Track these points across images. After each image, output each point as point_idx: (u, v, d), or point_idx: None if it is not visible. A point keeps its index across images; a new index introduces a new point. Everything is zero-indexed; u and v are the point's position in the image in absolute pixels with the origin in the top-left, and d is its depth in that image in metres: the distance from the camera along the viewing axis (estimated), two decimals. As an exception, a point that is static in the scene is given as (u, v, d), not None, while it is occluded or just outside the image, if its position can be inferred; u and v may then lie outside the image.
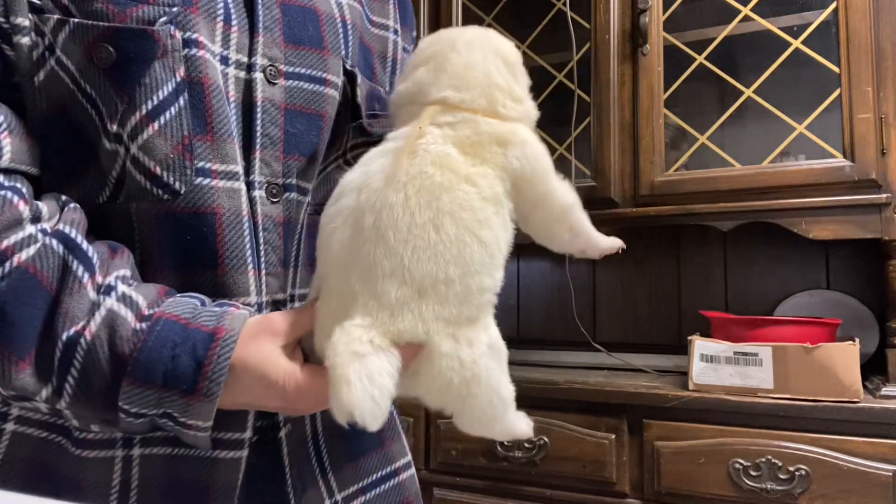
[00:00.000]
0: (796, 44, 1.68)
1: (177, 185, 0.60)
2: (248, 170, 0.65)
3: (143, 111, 0.58)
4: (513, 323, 2.29)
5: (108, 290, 0.56)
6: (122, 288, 0.56)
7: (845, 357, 1.40)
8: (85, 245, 0.56)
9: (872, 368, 1.63)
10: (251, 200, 0.64)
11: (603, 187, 1.80)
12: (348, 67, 0.73)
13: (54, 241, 0.55)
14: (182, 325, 0.55)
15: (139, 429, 0.56)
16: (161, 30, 0.60)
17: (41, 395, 0.54)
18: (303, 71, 0.69)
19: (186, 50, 0.61)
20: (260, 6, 0.68)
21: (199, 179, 0.61)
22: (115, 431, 0.59)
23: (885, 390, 1.44)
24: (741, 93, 1.72)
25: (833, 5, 1.62)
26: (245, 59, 0.66)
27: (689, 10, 1.83)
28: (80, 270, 0.55)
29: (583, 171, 1.86)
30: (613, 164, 1.80)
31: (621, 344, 2.00)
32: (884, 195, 1.53)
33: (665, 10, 1.80)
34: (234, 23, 0.66)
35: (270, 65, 0.67)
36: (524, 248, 2.22)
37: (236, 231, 0.62)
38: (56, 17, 0.58)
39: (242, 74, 0.66)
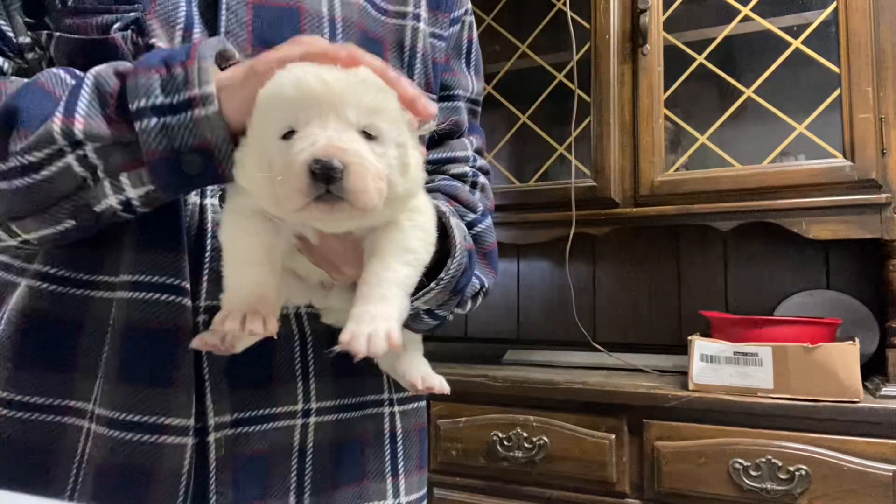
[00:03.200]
0: (796, 44, 1.68)
1: None
2: None
3: None
4: (513, 323, 2.29)
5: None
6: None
7: (845, 357, 1.40)
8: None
9: (872, 368, 1.63)
10: (202, 209, 0.68)
11: (603, 187, 1.80)
12: None
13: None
14: (165, 49, 0.62)
15: (160, 148, 0.57)
16: (120, 36, 0.62)
17: (53, 129, 0.56)
18: None
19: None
20: (224, 9, 0.67)
21: None
22: (145, 187, 0.59)
23: (885, 390, 1.44)
24: (741, 93, 1.72)
25: (833, 5, 1.62)
26: None
27: (689, 10, 1.83)
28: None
29: (583, 171, 1.86)
30: (613, 164, 1.80)
31: (621, 344, 2.01)
32: (884, 195, 1.53)
33: (665, 10, 1.80)
34: (196, 29, 0.66)
35: None
36: (524, 248, 2.23)
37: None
38: (45, 32, 0.64)
39: None
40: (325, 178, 0.51)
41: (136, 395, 0.64)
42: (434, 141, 0.86)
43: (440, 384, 0.74)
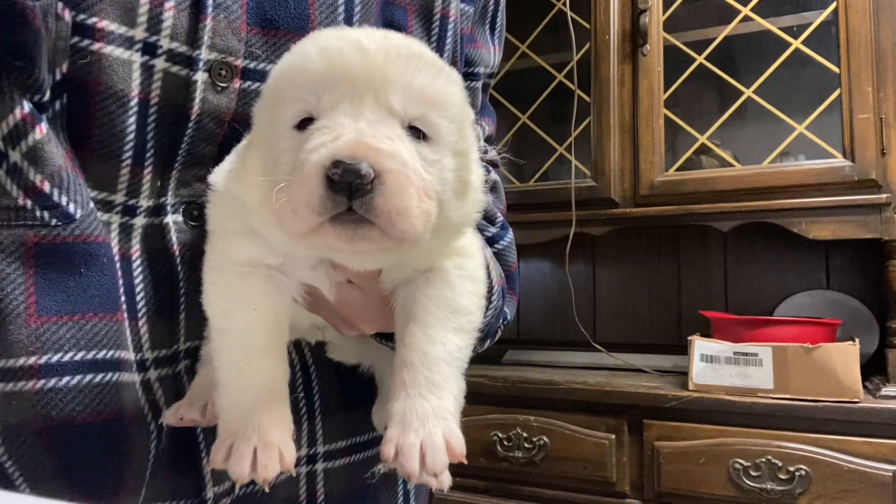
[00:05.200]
0: (796, 44, 1.67)
1: (71, 206, 0.46)
2: (161, 191, 0.51)
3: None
4: (513, 323, 2.28)
5: None
6: None
7: (845, 357, 1.40)
8: None
9: (872, 368, 1.63)
10: (163, 228, 0.52)
11: (603, 187, 1.80)
12: None
13: None
14: None
15: None
16: (38, 6, 0.43)
17: None
18: (269, 68, 0.51)
19: (77, 39, 0.46)
20: None
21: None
22: None
23: (885, 390, 1.44)
24: (741, 93, 1.72)
25: (833, 5, 1.62)
26: (185, 50, 0.50)
27: (689, 10, 1.82)
28: None
29: (583, 171, 1.86)
30: (613, 164, 1.80)
31: (621, 344, 2.00)
32: (884, 195, 1.53)
33: (665, 10, 1.80)
34: (170, 2, 0.49)
35: (220, 60, 0.51)
36: (524, 249, 2.23)
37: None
38: None
39: (174, 69, 0.50)
40: (348, 190, 0.36)
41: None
42: None
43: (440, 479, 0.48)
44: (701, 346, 1.54)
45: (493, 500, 1.65)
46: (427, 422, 0.41)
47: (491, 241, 0.67)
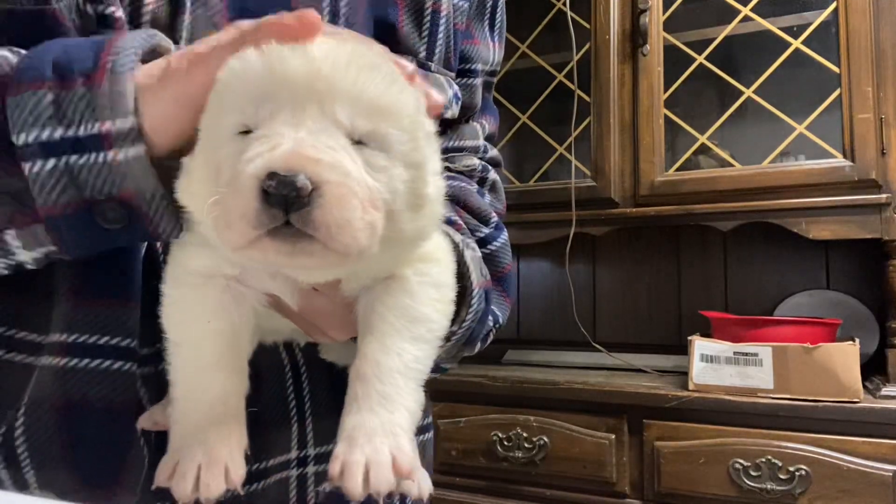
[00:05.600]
0: (796, 44, 1.67)
1: None
2: None
3: None
4: (513, 323, 2.28)
5: None
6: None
7: (845, 357, 1.40)
8: None
9: (872, 368, 1.63)
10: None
11: (603, 187, 1.80)
12: None
13: None
14: (67, 43, 0.43)
15: (62, 201, 0.40)
16: (63, 6, 0.45)
17: None
18: None
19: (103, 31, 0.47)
20: None
21: None
22: (42, 248, 0.43)
23: (885, 390, 1.44)
24: (741, 93, 1.72)
25: (833, 5, 1.62)
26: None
27: (689, 10, 1.82)
28: None
29: (583, 171, 1.86)
30: (613, 164, 1.80)
31: (621, 344, 2.00)
32: (884, 195, 1.53)
33: (665, 10, 1.79)
34: None
35: None
36: (524, 248, 2.23)
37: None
38: None
39: None
40: (284, 203, 0.34)
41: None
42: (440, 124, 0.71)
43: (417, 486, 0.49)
44: (701, 346, 1.54)
45: (493, 500, 1.65)
46: (375, 438, 0.40)
47: (483, 242, 0.65)
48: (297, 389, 0.60)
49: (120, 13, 0.47)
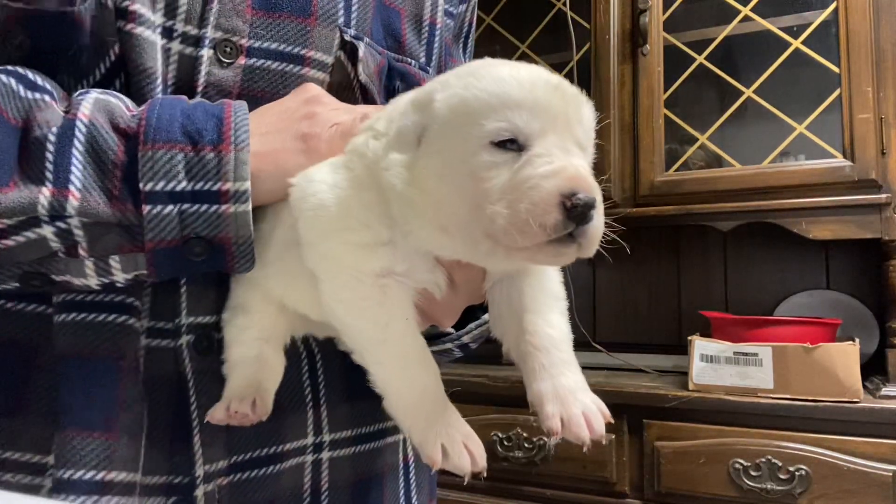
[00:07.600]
0: (796, 44, 1.68)
1: None
2: None
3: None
4: (513, 323, 2.28)
5: (81, 95, 0.49)
6: (95, 92, 0.50)
7: (845, 357, 1.40)
8: (41, 80, 0.50)
9: (872, 368, 1.63)
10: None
11: (603, 187, 1.80)
12: (348, 38, 0.60)
13: (10, 78, 0.49)
14: (181, 101, 0.50)
15: (168, 238, 0.48)
16: (83, 8, 0.50)
17: (40, 202, 0.45)
18: (273, 46, 0.56)
19: (120, 23, 0.51)
20: None
21: None
22: (136, 271, 0.49)
23: (885, 390, 1.44)
24: (741, 93, 1.72)
25: (833, 5, 1.62)
26: (194, 31, 0.55)
27: (689, 10, 1.82)
28: (45, 96, 0.49)
29: (583, 171, 1.86)
30: (613, 164, 1.80)
31: (621, 344, 2.00)
32: (884, 195, 1.53)
33: (665, 10, 1.79)
34: None
35: (225, 39, 0.55)
36: (524, 248, 2.23)
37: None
38: None
39: (187, 50, 0.54)
40: (580, 219, 0.41)
41: (73, 446, 0.50)
42: None
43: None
44: (701, 346, 1.54)
45: (493, 500, 1.65)
46: (578, 394, 0.48)
47: None
48: (313, 377, 0.63)
49: (136, 7, 0.51)
